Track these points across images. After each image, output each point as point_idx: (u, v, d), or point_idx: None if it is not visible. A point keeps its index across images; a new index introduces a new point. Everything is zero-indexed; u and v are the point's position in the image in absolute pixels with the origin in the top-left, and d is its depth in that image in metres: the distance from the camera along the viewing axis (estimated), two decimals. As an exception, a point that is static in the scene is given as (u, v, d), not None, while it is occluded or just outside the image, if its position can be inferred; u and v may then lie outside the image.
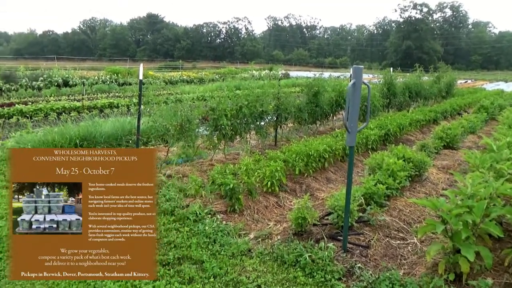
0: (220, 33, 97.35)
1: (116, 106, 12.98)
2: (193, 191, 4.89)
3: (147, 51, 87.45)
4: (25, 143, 6.60)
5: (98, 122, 7.84)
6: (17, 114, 10.71)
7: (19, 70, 21.46)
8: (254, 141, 7.97)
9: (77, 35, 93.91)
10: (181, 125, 5.78)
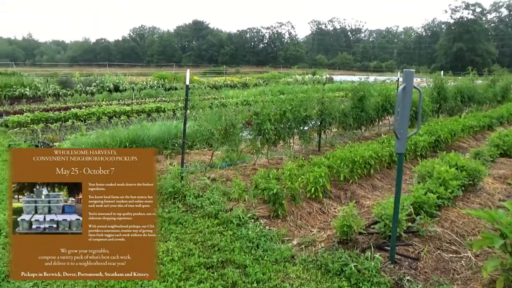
0: (263, 38, 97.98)
1: (163, 110, 13.41)
2: (236, 195, 4.92)
3: (192, 57, 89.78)
4: (80, 145, 6.97)
5: (146, 126, 8.13)
6: (72, 118, 11.36)
7: (74, 76, 22.83)
8: (297, 146, 7.91)
9: (127, 43, 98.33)
10: (226, 129, 5.85)
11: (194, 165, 6.33)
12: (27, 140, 8.40)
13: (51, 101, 16.36)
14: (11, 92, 17.25)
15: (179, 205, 4.81)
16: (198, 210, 4.65)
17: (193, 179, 5.63)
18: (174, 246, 3.79)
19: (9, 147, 7.74)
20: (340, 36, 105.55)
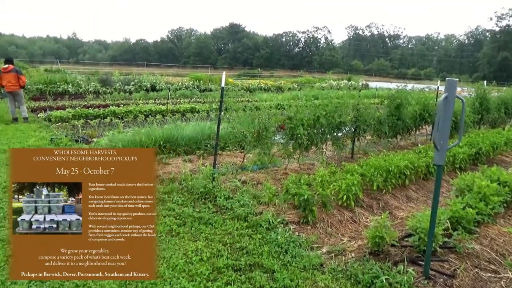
0: (299, 42, 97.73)
1: (197, 111, 13.63)
2: (266, 199, 4.91)
3: (227, 59, 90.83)
4: (117, 142, 7.19)
5: (180, 126, 8.27)
6: (111, 115, 11.76)
7: (114, 75, 23.62)
8: (330, 152, 7.80)
9: (165, 44, 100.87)
10: (259, 132, 5.86)
11: (225, 166, 6.37)
12: (68, 135, 8.77)
13: (91, 98, 17.02)
14: (55, 88, 18.09)
15: (209, 205, 4.85)
16: (228, 211, 4.67)
17: (224, 180, 5.67)
18: (203, 246, 3.82)
19: (51, 141, 8.11)
20: (378, 42, 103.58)
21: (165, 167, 6.42)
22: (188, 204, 4.91)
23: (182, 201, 4.99)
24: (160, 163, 6.66)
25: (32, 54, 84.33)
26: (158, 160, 6.80)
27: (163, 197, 5.13)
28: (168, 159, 6.89)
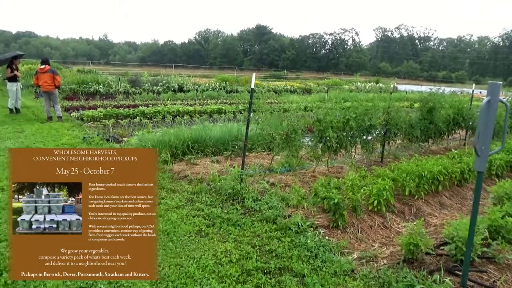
0: (326, 44, 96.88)
1: (224, 112, 13.71)
2: (295, 202, 4.86)
3: (253, 61, 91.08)
4: (146, 141, 7.31)
5: (208, 126, 8.33)
6: (140, 115, 11.99)
7: (143, 76, 24.10)
8: (359, 156, 7.65)
9: (192, 45, 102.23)
10: (287, 134, 5.81)
11: (253, 168, 6.36)
12: (99, 134, 8.98)
13: (121, 98, 17.42)
14: (87, 89, 18.63)
15: (237, 207, 4.85)
16: (256, 213, 4.65)
17: (252, 182, 5.65)
18: (232, 248, 3.81)
19: (84, 140, 8.33)
20: (407, 44, 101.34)
21: (193, 167, 6.47)
22: (216, 204, 4.92)
23: (210, 202, 5.01)
24: (188, 163, 6.72)
25: (65, 55, 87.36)
26: (187, 160, 6.86)
27: (192, 197, 5.17)
28: (196, 159, 6.94)
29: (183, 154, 7.18)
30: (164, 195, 5.25)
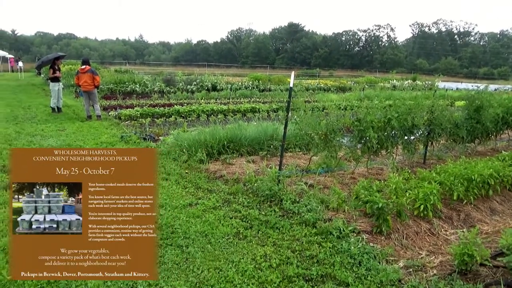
0: (359, 41, 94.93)
1: (257, 110, 13.62)
2: (335, 205, 4.68)
3: (285, 59, 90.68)
4: (182, 141, 7.33)
5: (243, 126, 8.26)
6: (175, 114, 12.11)
7: (177, 75, 24.45)
8: (399, 156, 7.34)
9: (224, 44, 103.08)
10: (326, 134, 5.63)
11: (290, 168, 6.21)
12: (136, 133, 9.13)
13: (156, 97, 17.73)
14: (124, 88, 19.10)
15: (275, 208, 4.73)
16: (295, 216, 4.51)
17: (289, 183, 5.52)
18: (272, 252, 3.69)
19: (122, 138, 8.48)
20: (445, 40, 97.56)
21: (229, 167, 6.41)
22: (253, 206, 4.83)
23: (247, 203, 4.92)
24: (224, 163, 6.67)
25: (103, 56, 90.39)
26: (222, 160, 6.82)
27: (229, 198, 5.10)
28: (231, 159, 6.88)
29: (219, 153, 7.14)
30: (201, 195, 5.21)
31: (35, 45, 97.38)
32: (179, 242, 3.81)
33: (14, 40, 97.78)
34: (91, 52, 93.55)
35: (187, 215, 4.48)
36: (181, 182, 5.74)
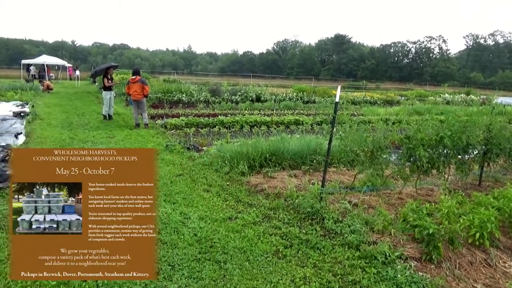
0: (409, 53, 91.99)
1: (301, 123, 13.46)
2: (380, 227, 4.43)
3: (330, 71, 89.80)
4: (225, 152, 7.34)
5: (286, 138, 8.14)
6: (219, 124, 12.25)
7: (223, 86, 24.88)
8: (452, 177, 6.89)
9: (270, 55, 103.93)
10: (372, 151, 5.39)
11: (333, 185, 6.01)
12: (180, 142, 9.30)
13: (201, 107, 18.09)
14: (171, 97, 19.67)
15: (317, 227, 4.56)
16: (337, 237, 4.32)
17: (332, 201, 5.33)
18: (312, 275, 3.54)
19: (167, 147, 8.67)
20: (503, 52, 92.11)
21: (270, 181, 6.32)
22: (294, 223, 4.69)
23: (288, 220, 4.79)
24: (265, 176, 6.59)
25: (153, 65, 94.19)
26: (264, 173, 6.74)
27: (269, 213, 5.00)
28: (273, 172, 6.79)
29: (260, 166, 7.08)
30: (241, 209, 5.15)
31: (92, 55, 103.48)
32: (217, 258, 3.76)
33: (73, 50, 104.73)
34: (142, 62, 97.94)
35: (226, 229, 4.43)
36: (222, 194, 5.72)
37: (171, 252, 3.82)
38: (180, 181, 6.26)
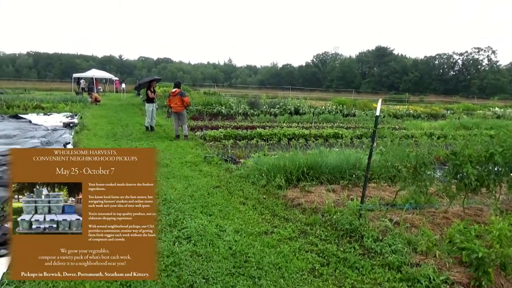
0: (455, 65, 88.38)
1: (340, 136, 13.20)
2: (424, 248, 4.19)
3: (371, 83, 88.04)
4: (262, 165, 7.31)
5: (324, 152, 8.00)
6: (257, 137, 12.27)
7: (261, 98, 25.03)
8: (503, 196, 6.43)
9: (309, 68, 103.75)
10: (415, 167, 5.15)
11: (373, 201, 5.80)
12: (218, 154, 9.38)
13: (240, 119, 18.25)
14: (211, 109, 20.03)
15: (355, 245, 4.38)
16: (377, 256, 4.13)
17: (372, 218, 5.12)
18: (350, 296, 3.38)
19: (205, 159, 8.77)
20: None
21: (307, 195, 6.20)
22: (331, 240, 4.54)
23: (325, 236, 4.65)
24: (302, 191, 6.47)
25: (195, 78, 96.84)
26: (301, 187, 6.63)
27: (305, 229, 4.88)
28: (310, 186, 6.66)
29: (298, 180, 6.97)
30: (277, 223, 5.07)
31: (138, 69, 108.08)
32: (251, 273, 3.69)
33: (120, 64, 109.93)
34: (184, 75, 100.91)
35: (261, 244, 4.36)
36: (258, 207, 5.67)
37: (205, 265, 3.81)
38: (217, 193, 6.28)
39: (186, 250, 4.10)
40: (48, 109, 19.24)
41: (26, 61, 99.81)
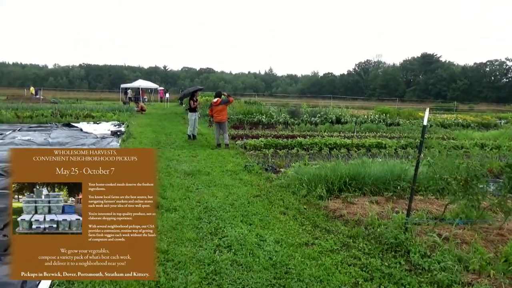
0: (508, 72, 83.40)
1: (384, 146, 12.79)
2: (477, 266, 3.94)
3: (416, 92, 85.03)
4: (302, 174, 7.23)
5: (367, 162, 7.79)
6: (297, 146, 12.17)
7: (302, 107, 24.88)
8: None
9: (351, 76, 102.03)
10: (466, 180, 4.87)
11: (419, 215, 5.55)
12: (259, 163, 9.40)
13: (280, 128, 18.22)
14: (251, 119, 20.15)
15: (400, 260, 4.20)
16: (425, 273, 3.93)
17: (418, 232, 4.89)
18: (395, 314, 3.23)
19: (245, 168, 8.82)
20: None
21: (350, 207, 6.04)
22: (375, 254, 4.38)
23: (368, 250, 4.50)
24: (344, 202, 6.32)
25: (235, 88, 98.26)
26: (343, 198, 6.48)
27: (348, 242, 4.75)
28: (353, 198, 6.49)
29: (339, 190, 6.82)
30: (318, 234, 4.98)
31: (181, 79, 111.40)
32: (292, 285, 3.63)
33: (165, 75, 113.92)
34: (225, 84, 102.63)
35: (302, 255, 4.29)
36: (299, 218, 5.60)
37: (246, 275, 3.79)
38: (257, 202, 6.28)
39: (227, 259, 4.11)
40: (98, 118, 20.25)
41: (78, 72, 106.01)
